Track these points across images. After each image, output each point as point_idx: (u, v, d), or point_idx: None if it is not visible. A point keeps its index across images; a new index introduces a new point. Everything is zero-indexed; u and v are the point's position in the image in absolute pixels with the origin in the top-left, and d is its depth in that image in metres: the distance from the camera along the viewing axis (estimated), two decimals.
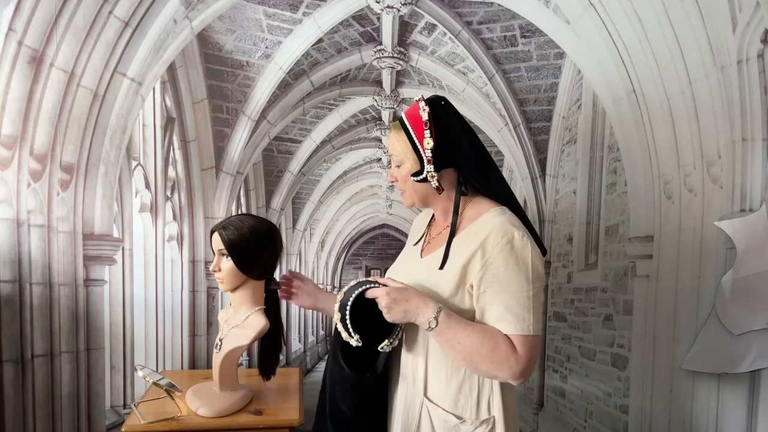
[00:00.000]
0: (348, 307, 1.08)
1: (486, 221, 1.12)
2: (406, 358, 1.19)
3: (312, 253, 10.16)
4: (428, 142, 1.11)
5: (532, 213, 4.84)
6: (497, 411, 1.14)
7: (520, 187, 5.17)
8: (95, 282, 2.46)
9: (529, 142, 4.48)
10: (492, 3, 3.33)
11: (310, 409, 1.35)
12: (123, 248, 3.06)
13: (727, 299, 1.93)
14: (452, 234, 1.16)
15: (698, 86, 2.03)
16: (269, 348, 1.52)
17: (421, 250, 1.25)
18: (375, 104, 5.06)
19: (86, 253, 2.37)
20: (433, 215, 1.30)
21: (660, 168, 2.30)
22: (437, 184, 1.16)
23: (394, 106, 5.08)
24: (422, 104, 1.13)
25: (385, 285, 1.09)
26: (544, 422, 4.59)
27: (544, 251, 1.21)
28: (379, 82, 4.83)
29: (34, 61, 1.96)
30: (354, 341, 1.09)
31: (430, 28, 3.88)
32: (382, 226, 13.03)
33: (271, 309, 1.49)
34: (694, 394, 2.09)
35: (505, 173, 5.99)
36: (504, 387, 1.15)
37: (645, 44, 2.21)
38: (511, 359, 1.05)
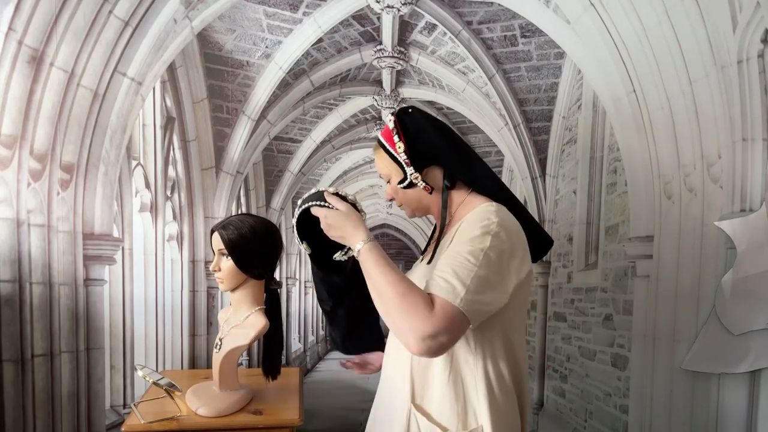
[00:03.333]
0: (295, 219, 1.19)
1: (474, 212, 1.12)
2: (394, 359, 1.17)
3: None
4: (399, 146, 1.16)
5: (532, 213, 4.83)
6: (485, 419, 1.07)
7: (520, 187, 5.17)
8: (95, 282, 2.46)
9: (529, 142, 4.48)
10: (492, 3, 3.33)
11: (310, 409, 1.35)
12: (123, 248, 3.06)
13: (727, 299, 1.93)
14: (442, 229, 1.18)
15: (698, 86, 2.03)
16: (271, 348, 1.52)
17: (424, 256, 1.25)
18: (375, 104, 5.06)
19: (86, 253, 2.37)
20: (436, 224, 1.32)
21: (660, 168, 2.30)
22: (424, 183, 1.18)
23: (394, 106, 5.08)
24: (389, 118, 1.21)
25: (329, 205, 1.13)
26: (544, 422, 4.59)
27: (550, 241, 1.23)
28: (379, 82, 4.83)
29: (34, 60, 1.97)
30: (303, 248, 1.24)
31: (430, 27, 3.88)
32: (383, 225, 13.03)
33: (272, 309, 1.49)
34: (694, 394, 2.09)
35: (505, 173, 6.00)
36: (494, 394, 1.08)
37: (645, 44, 2.21)
38: (422, 314, 0.96)
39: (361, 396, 6.10)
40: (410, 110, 1.22)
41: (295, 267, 8.66)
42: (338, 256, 1.23)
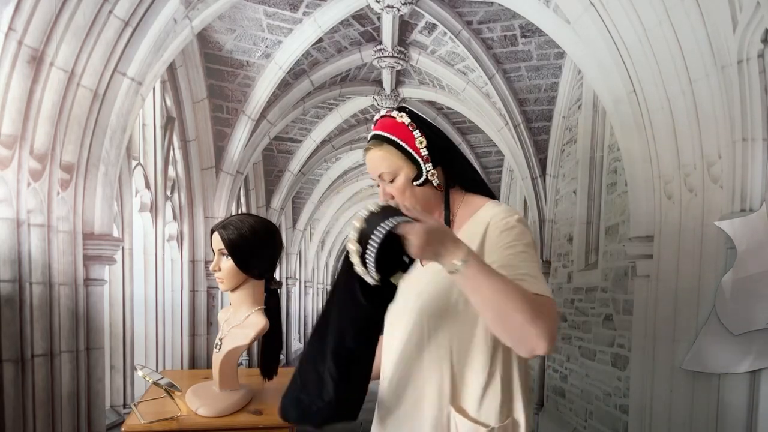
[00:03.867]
0: (376, 245, 0.88)
1: (485, 213, 1.12)
2: (430, 365, 1.12)
3: (312, 252, 10.17)
4: (420, 141, 1.11)
5: (532, 213, 4.84)
6: (519, 414, 1.11)
7: (520, 187, 5.17)
8: (95, 282, 2.46)
9: (530, 142, 4.48)
10: (492, 3, 3.33)
11: None
12: (123, 248, 3.06)
13: (727, 299, 1.93)
14: (447, 222, 1.16)
15: (698, 86, 2.03)
16: (270, 348, 1.52)
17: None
18: (375, 104, 5.06)
19: (86, 253, 2.37)
20: None
21: (660, 168, 2.30)
22: (438, 181, 1.15)
23: (394, 106, 5.07)
24: (395, 113, 1.15)
25: (416, 219, 0.91)
26: (544, 422, 4.59)
27: None
28: (379, 82, 4.83)
29: (34, 60, 1.96)
30: (372, 280, 0.92)
31: (431, 27, 3.87)
32: None
33: (272, 309, 1.49)
34: (694, 394, 2.09)
35: (505, 173, 6.00)
36: (523, 390, 1.12)
37: (645, 44, 2.20)
38: (550, 316, 0.93)
39: None
40: (407, 109, 1.18)
41: (295, 267, 8.67)
42: (396, 279, 0.97)
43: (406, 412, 1.16)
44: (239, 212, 4.83)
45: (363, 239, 0.90)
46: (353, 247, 0.91)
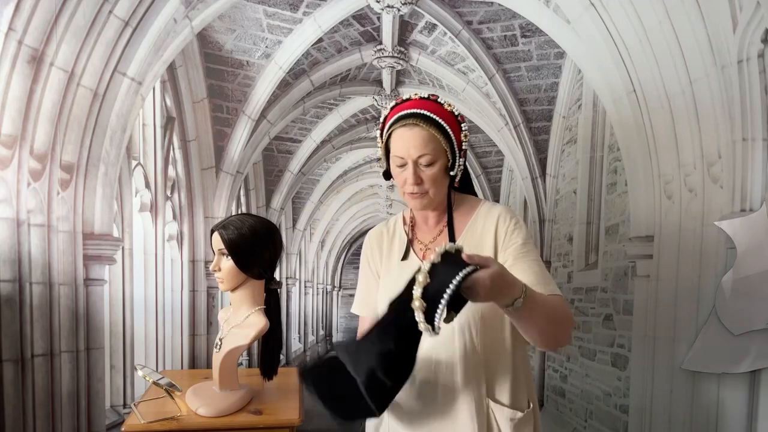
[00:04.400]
0: (445, 301, 0.83)
1: (487, 212, 1.19)
2: (466, 364, 1.15)
3: (312, 252, 10.16)
4: (465, 135, 1.15)
5: (532, 213, 4.84)
6: (533, 397, 1.24)
7: (520, 187, 5.16)
8: (95, 281, 2.46)
9: (530, 142, 4.48)
10: (492, 2, 3.33)
11: (310, 408, 1.34)
12: (123, 248, 3.06)
13: (727, 299, 1.93)
14: (450, 222, 1.18)
15: (698, 86, 2.03)
16: (270, 348, 1.52)
17: (422, 259, 1.19)
18: (375, 104, 5.06)
19: (86, 253, 2.37)
20: (412, 224, 1.24)
21: (660, 168, 2.30)
22: (459, 177, 1.19)
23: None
24: (441, 100, 1.19)
25: (481, 266, 0.87)
26: (544, 422, 4.58)
27: None
28: (379, 82, 4.83)
29: (34, 60, 1.96)
30: (433, 334, 0.86)
31: (431, 27, 3.87)
32: None
33: (272, 308, 1.49)
34: (694, 394, 2.09)
35: (505, 173, 6.00)
36: (532, 376, 1.27)
37: (645, 44, 2.20)
38: (566, 314, 1.07)
39: None
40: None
41: (295, 267, 8.65)
42: (449, 318, 0.90)
43: (435, 410, 1.17)
44: (239, 212, 4.82)
45: (430, 296, 0.85)
46: (418, 304, 0.85)
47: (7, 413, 1.97)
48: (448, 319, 0.90)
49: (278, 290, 1.54)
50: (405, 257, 1.20)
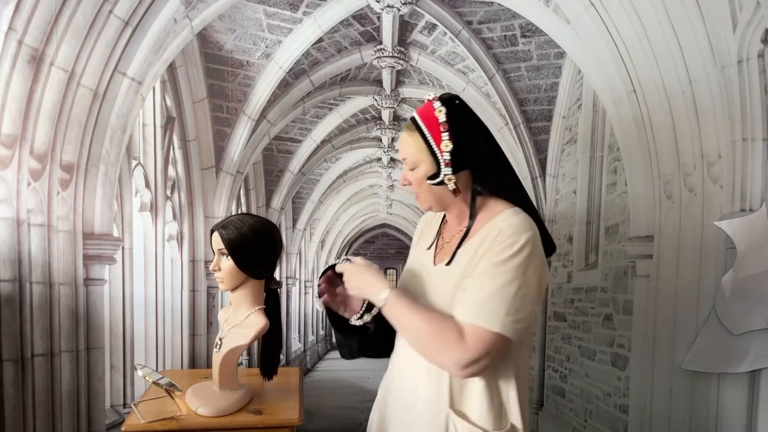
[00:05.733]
0: (319, 277, 1.24)
1: (499, 222, 1.09)
2: (429, 369, 1.14)
3: (312, 252, 10.17)
4: (446, 145, 1.07)
5: None
6: (516, 419, 1.12)
7: None
8: (95, 281, 2.46)
9: (529, 142, 4.48)
10: (492, 3, 3.33)
11: (310, 408, 1.35)
12: (123, 247, 3.06)
13: (727, 299, 1.93)
14: (465, 236, 1.13)
15: (698, 86, 2.03)
16: (270, 347, 1.52)
17: (434, 257, 1.20)
18: (375, 104, 5.06)
19: (86, 253, 2.37)
20: (445, 217, 1.25)
21: (660, 168, 2.30)
22: (454, 186, 1.12)
23: (394, 106, 5.07)
24: (437, 104, 1.09)
25: (347, 259, 1.18)
26: (544, 422, 4.59)
27: (553, 247, 1.20)
28: (379, 82, 4.83)
29: (34, 60, 1.96)
30: (318, 305, 1.26)
31: (431, 27, 3.87)
32: (383, 225, 13.03)
33: (272, 308, 1.49)
34: (694, 394, 2.09)
35: None
36: (521, 394, 1.13)
37: (645, 44, 2.21)
38: (459, 348, 1.03)
39: (361, 396, 6.11)
40: (457, 102, 1.12)
41: (295, 267, 8.66)
42: (354, 320, 1.21)
43: (404, 407, 1.19)
44: (239, 212, 4.83)
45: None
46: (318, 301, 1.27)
47: (7, 413, 1.97)
48: (356, 319, 1.20)
49: (278, 290, 1.54)
50: (429, 247, 1.24)
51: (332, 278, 1.24)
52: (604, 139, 3.65)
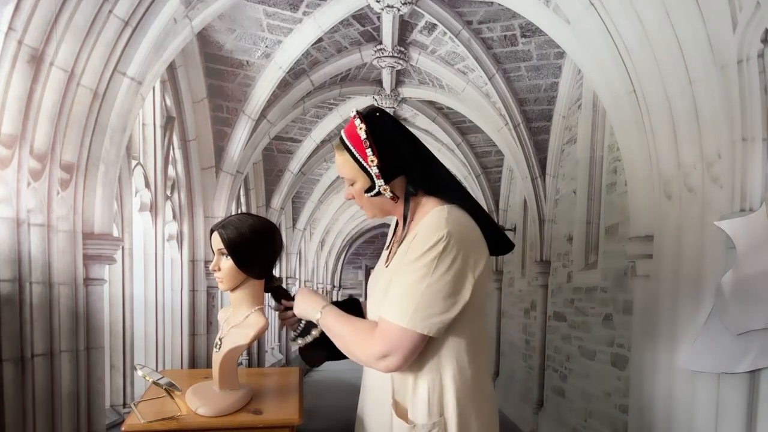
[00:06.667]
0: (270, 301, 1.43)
1: (424, 221, 1.13)
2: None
3: (312, 252, 10.17)
4: (372, 160, 1.13)
5: (531, 212, 4.84)
6: (450, 412, 1.13)
7: (520, 187, 5.17)
8: (95, 281, 2.46)
9: (529, 142, 4.48)
10: (492, 3, 3.33)
11: (310, 408, 1.35)
12: (123, 247, 3.06)
13: (727, 299, 1.93)
14: (402, 239, 1.19)
15: (698, 86, 2.03)
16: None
17: (387, 258, 1.27)
18: (375, 104, 5.06)
19: (86, 253, 2.37)
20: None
21: (660, 168, 2.30)
22: (391, 194, 1.18)
23: (394, 106, 5.08)
24: (357, 122, 1.14)
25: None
26: (543, 422, 4.60)
27: (509, 245, 1.24)
28: (379, 82, 4.83)
29: (34, 60, 1.96)
30: (294, 347, 1.40)
31: (431, 27, 3.88)
32: (382, 225, 13.02)
33: (282, 293, 1.51)
34: (694, 394, 2.09)
35: (505, 173, 6.00)
36: (460, 386, 1.14)
37: (645, 44, 2.20)
38: (368, 341, 1.12)
39: None
40: (378, 114, 1.17)
41: (295, 267, 8.66)
42: (298, 342, 1.35)
43: (370, 406, 1.27)
44: (239, 212, 4.83)
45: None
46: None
47: (7, 413, 1.97)
48: (294, 338, 1.36)
49: (279, 288, 1.54)
50: (386, 248, 1.33)
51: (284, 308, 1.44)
52: (604, 139, 3.66)
